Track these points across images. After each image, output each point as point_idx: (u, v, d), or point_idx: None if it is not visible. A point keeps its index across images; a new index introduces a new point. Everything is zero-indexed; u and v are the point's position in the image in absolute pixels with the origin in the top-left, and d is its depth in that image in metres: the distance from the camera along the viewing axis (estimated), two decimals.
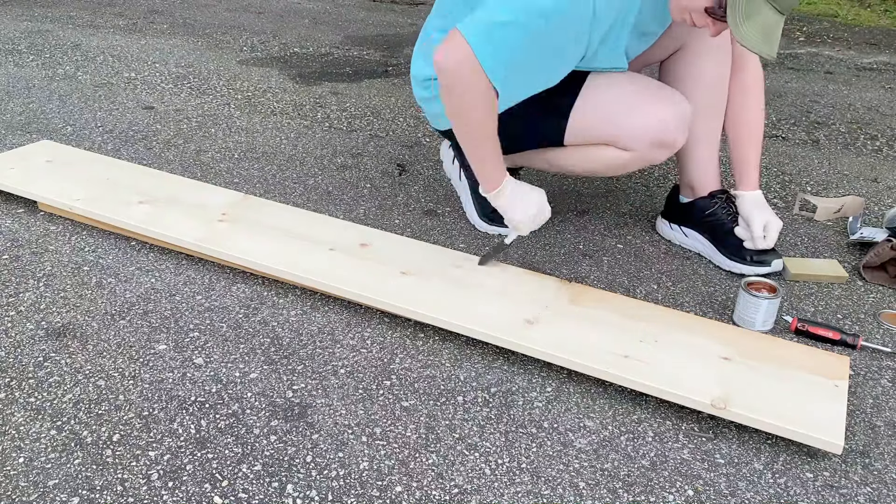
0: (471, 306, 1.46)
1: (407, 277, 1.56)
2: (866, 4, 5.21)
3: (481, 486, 1.13)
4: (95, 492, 1.09)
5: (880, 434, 1.28)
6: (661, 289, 1.69)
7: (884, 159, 2.53)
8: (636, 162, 1.66)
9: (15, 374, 1.33)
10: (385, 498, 1.11)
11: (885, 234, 1.83)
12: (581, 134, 1.66)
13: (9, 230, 1.80)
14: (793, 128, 2.81)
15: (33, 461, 1.14)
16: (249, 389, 1.31)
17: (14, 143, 2.29)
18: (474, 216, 1.92)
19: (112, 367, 1.35)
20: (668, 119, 1.60)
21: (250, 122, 2.60)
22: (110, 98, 2.77)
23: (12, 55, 3.24)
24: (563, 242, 1.87)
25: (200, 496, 1.09)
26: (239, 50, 3.53)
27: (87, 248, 1.74)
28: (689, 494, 1.14)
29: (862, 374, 1.43)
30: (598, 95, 1.64)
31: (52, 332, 1.44)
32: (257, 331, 1.47)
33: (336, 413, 1.27)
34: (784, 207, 2.13)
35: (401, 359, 1.41)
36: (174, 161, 2.24)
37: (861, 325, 1.59)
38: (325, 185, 2.12)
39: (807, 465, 1.21)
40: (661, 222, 1.93)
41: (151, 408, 1.26)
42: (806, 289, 1.71)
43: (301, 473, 1.14)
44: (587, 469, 1.18)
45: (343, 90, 3.01)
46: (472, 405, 1.30)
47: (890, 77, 3.55)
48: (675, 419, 1.29)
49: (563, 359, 1.34)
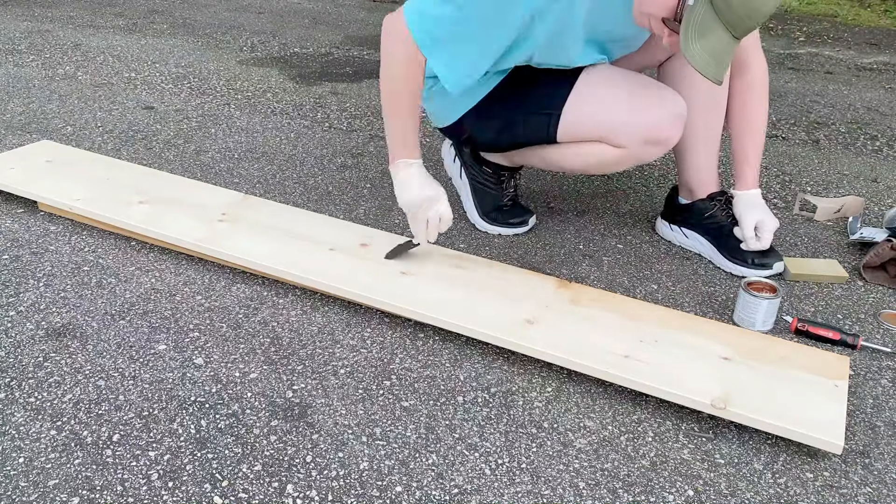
0: (471, 306, 1.46)
1: (407, 277, 1.56)
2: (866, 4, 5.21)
3: (481, 486, 1.13)
4: (95, 492, 1.09)
5: (880, 434, 1.28)
6: (661, 289, 1.69)
7: (884, 159, 2.53)
8: (629, 159, 1.65)
9: (15, 374, 1.33)
10: (385, 498, 1.11)
11: (885, 234, 1.83)
12: (574, 129, 1.65)
13: (9, 230, 1.80)
14: (793, 128, 2.81)
15: (33, 461, 1.14)
16: (249, 389, 1.31)
17: (14, 143, 2.29)
18: (475, 216, 1.92)
19: (112, 367, 1.35)
20: (661, 116, 1.59)
21: (250, 122, 2.60)
22: (110, 98, 2.77)
23: (12, 55, 3.24)
24: (563, 242, 1.87)
25: (200, 496, 1.09)
26: (239, 50, 3.53)
27: (87, 248, 1.74)
28: (689, 494, 1.14)
29: (862, 374, 1.43)
30: (591, 91, 1.63)
31: (52, 332, 1.44)
32: (257, 331, 1.47)
33: (336, 413, 1.27)
34: (784, 207, 2.13)
35: (401, 359, 1.41)
36: (174, 161, 2.25)
37: (861, 325, 1.59)
38: (325, 185, 2.12)
39: (807, 465, 1.21)
40: (660, 223, 1.93)
41: (151, 408, 1.26)
42: (806, 289, 1.71)
43: (301, 473, 1.14)
44: (587, 469, 1.18)
45: (343, 90, 3.01)
46: (472, 405, 1.30)
47: (890, 77, 3.55)
48: (675, 419, 1.29)
49: (563, 359, 1.34)
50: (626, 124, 1.60)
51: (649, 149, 1.62)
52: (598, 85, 1.64)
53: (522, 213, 1.92)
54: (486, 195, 1.91)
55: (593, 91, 1.63)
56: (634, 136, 1.60)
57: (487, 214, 1.89)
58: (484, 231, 1.90)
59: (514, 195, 1.94)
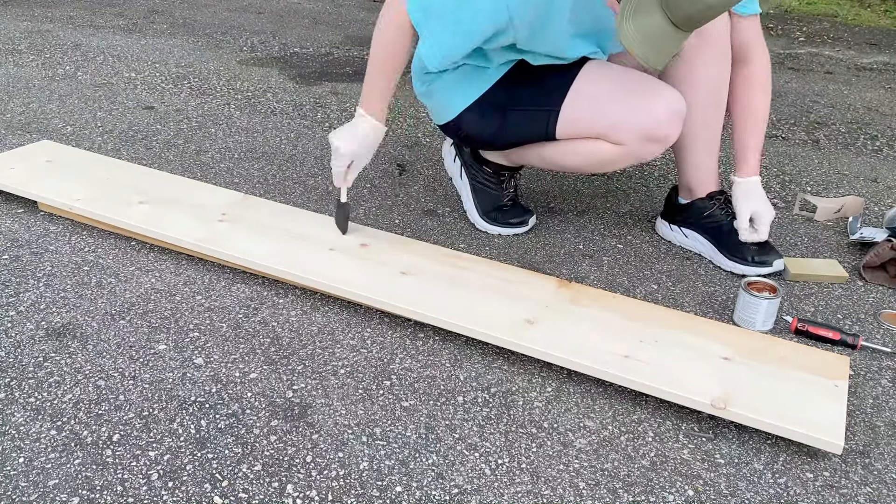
0: (471, 306, 1.46)
1: (407, 277, 1.56)
2: (866, 4, 5.21)
3: (481, 487, 1.13)
4: (95, 492, 1.09)
5: (880, 434, 1.28)
6: (661, 289, 1.69)
7: (884, 159, 2.53)
8: (628, 157, 1.65)
9: (15, 374, 1.33)
10: (385, 498, 1.11)
11: (885, 234, 1.83)
12: (572, 126, 1.65)
13: (9, 230, 1.80)
14: (793, 128, 2.81)
15: (33, 461, 1.14)
16: (249, 389, 1.31)
17: (14, 143, 2.29)
18: (475, 215, 1.92)
19: (112, 367, 1.35)
20: (659, 112, 1.59)
21: (250, 122, 2.60)
22: (110, 98, 2.77)
23: (12, 55, 3.24)
24: (563, 242, 1.87)
25: (200, 496, 1.09)
26: (239, 50, 3.53)
27: (87, 248, 1.74)
28: (689, 494, 1.14)
29: (862, 374, 1.43)
30: (590, 88, 1.63)
31: (52, 332, 1.44)
32: (257, 331, 1.47)
33: (336, 413, 1.27)
34: (784, 207, 2.13)
35: (401, 359, 1.41)
36: (174, 161, 2.25)
37: (861, 325, 1.59)
38: (325, 185, 2.12)
39: (807, 465, 1.21)
40: (660, 223, 1.93)
41: (151, 408, 1.26)
42: (806, 289, 1.71)
43: (301, 473, 1.14)
44: (587, 469, 1.18)
45: (343, 90, 3.01)
46: (472, 405, 1.30)
47: (890, 77, 3.55)
48: (675, 419, 1.29)
49: (563, 359, 1.34)
50: (624, 121, 1.60)
51: (648, 146, 1.62)
52: (597, 81, 1.64)
53: (522, 213, 1.92)
54: (486, 195, 1.91)
55: (592, 88, 1.63)
56: (633, 132, 1.60)
57: (487, 214, 1.90)
58: (484, 231, 1.90)
59: (514, 195, 1.94)
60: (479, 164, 1.91)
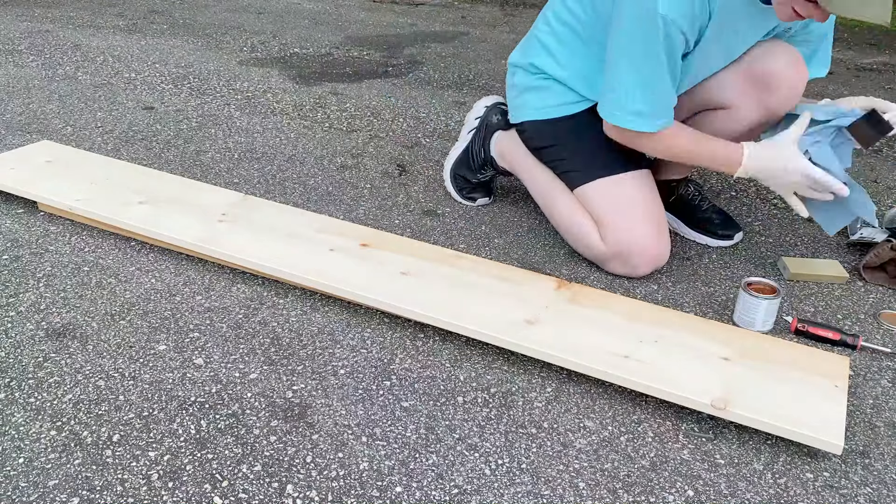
0: (471, 306, 1.46)
1: (407, 277, 1.56)
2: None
3: (481, 487, 1.13)
4: (95, 492, 1.09)
5: (880, 434, 1.28)
6: (661, 289, 1.69)
7: (884, 159, 2.53)
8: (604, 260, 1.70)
9: (15, 374, 1.33)
10: (385, 498, 1.11)
11: (885, 235, 1.83)
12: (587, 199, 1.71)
13: (9, 230, 1.80)
14: None
15: (33, 461, 1.14)
16: (249, 390, 1.31)
17: (14, 143, 2.29)
18: (448, 167, 2.05)
19: (112, 368, 1.35)
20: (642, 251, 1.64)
21: (250, 122, 2.60)
22: (110, 98, 2.77)
23: (12, 55, 3.24)
24: (563, 242, 1.87)
25: (200, 496, 1.09)
26: (239, 50, 3.53)
27: (87, 248, 1.74)
28: (689, 495, 1.14)
29: (862, 375, 1.43)
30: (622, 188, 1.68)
31: (52, 332, 1.44)
32: (257, 331, 1.47)
33: (336, 413, 1.27)
34: (784, 207, 2.12)
35: (401, 359, 1.41)
36: (174, 161, 2.25)
37: (861, 325, 1.59)
38: (325, 186, 2.12)
39: (807, 465, 1.21)
40: None
41: (151, 408, 1.26)
42: (806, 289, 1.71)
43: (301, 474, 1.14)
44: (587, 469, 1.18)
45: (343, 90, 3.01)
46: (472, 405, 1.30)
47: (890, 77, 3.55)
48: (675, 419, 1.29)
49: (563, 359, 1.34)
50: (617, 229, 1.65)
51: (616, 265, 1.69)
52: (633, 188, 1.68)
53: (483, 194, 2.04)
54: (467, 167, 2.01)
55: (625, 190, 1.68)
56: (615, 245, 1.65)
57: (456, 176, 2.03)
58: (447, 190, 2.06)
59: (488, 183, 2.04)
60: (485, 150, 1.96)
